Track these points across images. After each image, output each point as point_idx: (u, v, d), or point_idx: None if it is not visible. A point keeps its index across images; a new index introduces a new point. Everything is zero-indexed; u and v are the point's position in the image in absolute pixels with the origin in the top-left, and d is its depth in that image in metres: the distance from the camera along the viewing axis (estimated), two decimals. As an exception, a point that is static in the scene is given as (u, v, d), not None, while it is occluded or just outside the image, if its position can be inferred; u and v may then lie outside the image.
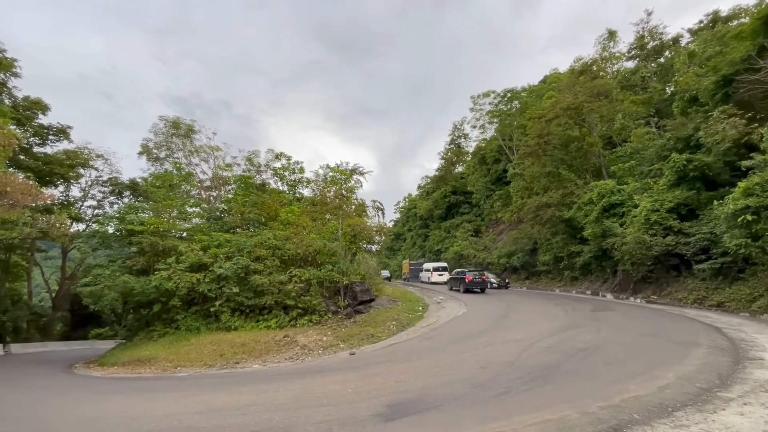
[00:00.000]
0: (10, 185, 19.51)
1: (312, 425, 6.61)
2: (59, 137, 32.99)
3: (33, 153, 31.27)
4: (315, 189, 27.56)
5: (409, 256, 65.79)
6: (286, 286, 19.85)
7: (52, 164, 31.47)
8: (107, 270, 22.36)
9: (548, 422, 5.84)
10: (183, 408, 8.65)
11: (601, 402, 6.51)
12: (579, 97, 29.43)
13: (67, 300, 36.29)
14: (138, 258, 21.91)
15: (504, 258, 38.88)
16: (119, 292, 20.55)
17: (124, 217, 23.48)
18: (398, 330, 17.36)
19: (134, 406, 9.69)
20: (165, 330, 20.02)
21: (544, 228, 31.30)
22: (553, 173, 31.88)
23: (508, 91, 49.62)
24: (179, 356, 15.84)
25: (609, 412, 6.10)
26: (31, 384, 14.39)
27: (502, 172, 47.79)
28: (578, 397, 6.89)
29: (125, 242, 23.51)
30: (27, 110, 30.44)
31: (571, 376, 8.40)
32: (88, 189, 35.98)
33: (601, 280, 26.40)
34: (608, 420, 5.79)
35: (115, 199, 36.64)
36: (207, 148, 37.41)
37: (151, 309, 20.39)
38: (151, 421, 7.74)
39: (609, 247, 22.75)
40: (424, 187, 69.74)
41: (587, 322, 14.87)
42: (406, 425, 6.33)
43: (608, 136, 33.85)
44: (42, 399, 11.42)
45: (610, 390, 7.15)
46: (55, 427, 8.10)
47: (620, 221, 23.03)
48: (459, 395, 7.67)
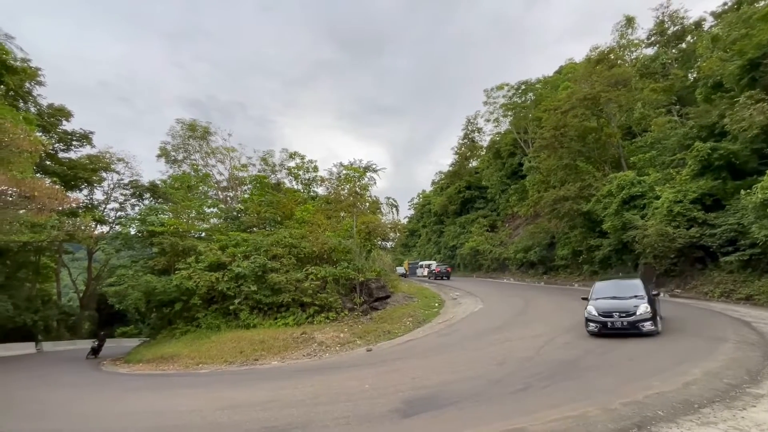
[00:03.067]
0: (38, 190, 20.27)
1: (331, 421, 6.68)
2: (82, 142, 34.08)
3: (58, 158, 32.40)
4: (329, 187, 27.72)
5: (424, 252, 65.68)
6: (303, 283, 20.07)
7: (76, 169, 32.55)
8: (130, 270, 23.07)
9: (568, 419, 5.76)
10: (205, 404, 8.87)
11: (624, 398, 6.37)
12: (596, 87, 28.64)
13: (94, 300, 37.60)
14: (159, 258, 22.50)
15: (521, 253, 38.35)
16: (142, 291, 21.16)
17: (145, 218, 24.13)
18: (414, 326, 17.37)
19: (159, 401, 10.00)
20: (187, 328, 20.52)
21: (561, 222, 30.69)
22: (570, 166, 31.19)
23: (522, 83, 48.73)
24: (201, 353, 16.23)
25: (632, 408, 5.97)
26: (63, 381, 14.99)
27: (518, 166, 47.06)
28: (599, 394, 6.76)
29: (147, 243, 24.18)
30: (51, 117, 31.52)
31: (592, 372, 8.25)
32: (111, 192, 37.11)
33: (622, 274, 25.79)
34: (631, 416, 5.66)
35: (136, 202, 37.68)
36: (223, 149, 38.09)
37: (173, 308, 20.92)
38: (175, 417, 7.97)
39: (630, 240, 22.17)
40: (438, 182, 69.24)
41: (608, 317, 14.53)
42: (423, 421, 6.33)
43: (627, 126, 32.90)
44: (74, 395, 11.90)
45: (632, 386, 6.99)
46: (87, 422, 8.42)
47: (641, 213, 22.40)
48: (477, 391, 7.63)
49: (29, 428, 8.01)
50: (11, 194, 20.51)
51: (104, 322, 39.16)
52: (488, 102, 51.54)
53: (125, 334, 37.28)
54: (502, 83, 49.58)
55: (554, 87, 44.49)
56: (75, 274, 41.54)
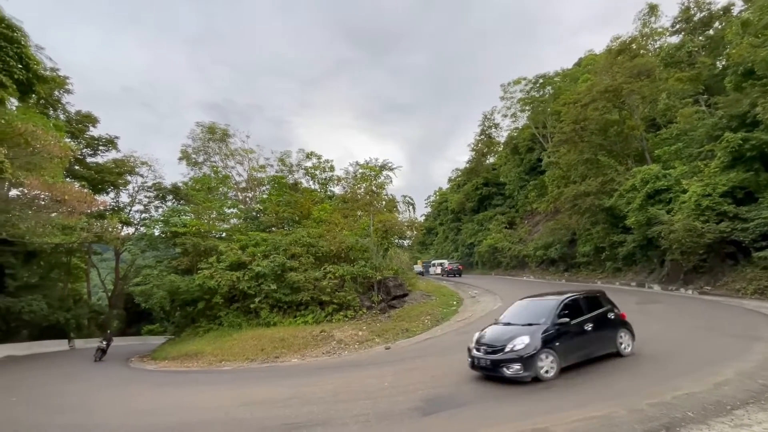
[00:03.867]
0: (68, 194, 21.16)
1: (350, 418, 6.73)
2: (108, 147, 35.32)
3: (86, 163, 33.68)
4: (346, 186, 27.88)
5: (441, 250, 65.30)
6: (321, 282, 20.28)
7: (103, 173, 33.77)
8: (155, 270, 23.83)
9: (593, 419, 5.62)
10: (229, 400, 9.08)
11: (651, 399, 6.17)
12: (617, 79, 27.78)
13: (122, 299, 38.97)
14: (182, 258, 23.14)
15: (541, 250, 37.64)
16: (167, 290, 21.82)
17: (168, 219, 24.85)
18: (433, 325, 17.31)
19: (184, 397, 10.29)
20: (209, 326, 21.05)
21: (582, 218, 29.96)
22: (591, 160, 30.39)
23: (539, 77, 47.73)
24: (223, 351, 16.61)
25: (659, 409, 5.77)
26: (95, 377, 15.61)
27: (536, 162, 46.17)
28: (625, 394, 6.58)
29: (170, 243, 24.91)
30: (79, 123, 32.78)
31: (617, 371, 8.03)
32: (135, 194, 38.34)
33: (647, 271, 24.97)
34: (659, 417, 5.48)
35: (160, 204, 38.80)
36: (242, 151, 38.81)
37: (196, 306, 21.49)
38: (200, 413, 8.18)
39: (655, 235, 21.46)
40: (454, 180, 68.59)
41: (634, 316, 13.99)
42: (443, 420, 6.31)
43: (651, 118, 31.82)
44: (105, 390, 12.38)
45: (660, 387, 6.76)
46: (118, 417, 8.74)
47: (667, 208, 21.64)
48: (497, 391, 7.54)
49: (65, 421, 8.37)
50: (44, 198, 21.47)
51: (131, 320, 40.56)
52: (505, 97, 50.73)
53: (151, 332, 38.52)
54: (519, 77, 48.72)
55: (573, 80, 43.41)
56: (103, 274, 43.14)
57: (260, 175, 37.22)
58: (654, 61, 30.55)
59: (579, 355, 8.27)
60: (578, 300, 8.84)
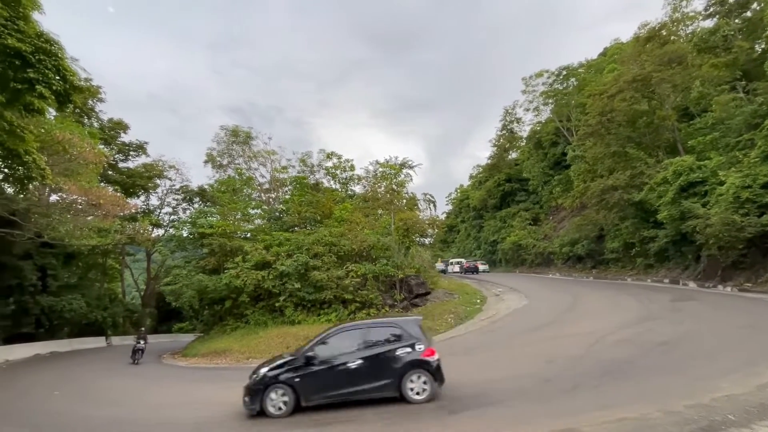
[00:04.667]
0: (103, 198, 22.21)
1: (374, 416, 6.77)
2: (138, 152, 36.76)
3: (118, 168, 35.18)
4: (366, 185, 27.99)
5: (463, 247, 64.64)
6: (344, 281, 20.46)
7: (134, 177, 35.20)
8: (184, 270, 24.66)
9: (625, 421, 5.44)
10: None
11: (688, 400, 5.91)
12: (646, 67, 26.63)
13: (153, 298, 40.56)
14: (209, 258, 23.84)
15: (567, 247, 36.65)
16: (195, 290, 22.54)
17: (195, 221, 25.66)
18: (456, 323, 17.17)
19: (215, 393, 10.62)
20: (236, 324, 21.62)
21: (611, 213, 28.97)
22: (618, 153, 29.30)
23: (563, 69, 46.36)
24: (250, 348, 17.04)
25: (697, 411, 5.52)
26: (131, 372, 16.32)
27: (561, 156, 44.95)
28: (660, 395, 6.33)
29: (198, 244, 25.70)
30: (111, 130, 34.26)
31: (651, 372, 7.74)
32: (164, 197, 39.76)
33: (681, 267, 23.91)
34: (697, 420, 5.24)
35: (187, 206, 40.10)
36: (264, 153, 39.55)
37: (223, 305, 22.11)
38: (230, 408, 8.41)
39: (689, 230, 20.51)
40: (475, 176, 67.60)
41: (667, 314, 13.58)
42: (470, 419, 6.25)
43: (684, 107, 30.37)
44: (141, 385, 12.94)
45: (698, 387, 6.47)
46: (156, 410, 9.12)
47: (702, 201, 20.64)
48: (524, 390, 7.42)
49: (105, 414, 8.79)
50: (81, 202, 22.60)
51: (163, 318, 42.16)
52: (527, 90, 49.60)
53: (181, 329, 39.88)
54: (541, 70, 47.50)
55: (599, 70, 41.98)
56: (136, 274, 44.99)
57: (282, 176, 37.85)
58: (686, 47, 29.11)
59: (331, 396, 7.23)
60: (355, 331, 7.74)
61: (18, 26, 8.71)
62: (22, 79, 8.93)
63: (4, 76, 8.80)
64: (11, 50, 8.57)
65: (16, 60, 8.75)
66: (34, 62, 8.93)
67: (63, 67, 9.62)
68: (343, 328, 7.97)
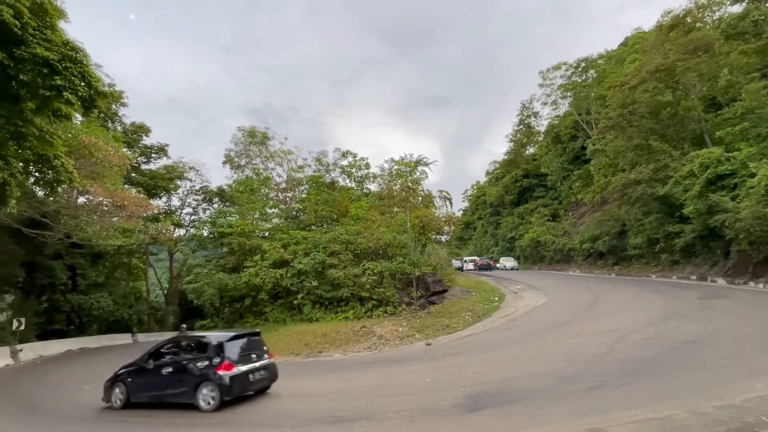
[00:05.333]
0: (127, 199, 22.92)
1: (394, 413, 6.79)
2: (159, 155, 37.75)
3: (141, 170, 36.20)
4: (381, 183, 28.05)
5: (480, 244, 64.01)
6: (360, 278, 20.56)
7: (156, 179, 36.16)
8: (205, 269, 25.26)
9: (651, 421, 5.28)
10: (276, 393, 9.46)
11: (718, 401, 5.69)
12: (670, 56, 25.67)
13: (176, 296, 41.64)
14: (229, 257, 24.35)
15: (587, 243, 35.81)
16: (216, 288, 23.07)
17: (215, 221, 26.24)
18: (474, 321, 17.03)
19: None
20: (256, 321, 22.02)
21: (633, 208, 28.14)
22: (641, 146, 28.41)
23: (582, 61, 45.21)
24: (269, 345, 17.16)
25: (728, 412, 5.31)
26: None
27: (580, 150, 43.92)
28: (687, 395, 6.13)
29: (218, 243, 26.29)
30: (134, 134, 35.28)
31: (677, 371, 7.50)
32: (185, 198, 40.70)
33: (709, 264, 23.04)
34: (727, 422, 5.04)
35: (207, 206, 40.98)
36: (280, 153, 40.08)
37: (243, 302, 22.56)
38: (251, 403, 8.58)
39: (718, 225, 19.74)
40: (492, 172, 66.74)
41: (694, 311, 13.12)
42: (489, 417, 6.19)
43: (710, 96, 29.18)
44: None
45: (728, 388, 6.23)
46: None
47: (731, 194, 19.82)
48: (544, 388, 7.30)
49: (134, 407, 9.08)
50: (106, 204, 23.39)
51: (185, 316, 43.18)
52: (544, 84, 48.60)
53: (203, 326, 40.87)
54: (559, 62, 46.44)
55: (619, 61, 40.76)
56: (159, 273, 46.27)
57: (299, 175, 38.28)
58: (713, 34, 27.95)
59: (150, 396, 8.63)
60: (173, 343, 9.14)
61: (45, 35, 9.06)
62: (50, 86, 9.28)
63: (33, 83, 9.17)
64: (40, 59, 8.91)
65: (44, 68, 9.10)
66: (60, 70, 9.27)
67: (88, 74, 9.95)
68: (170, 339, 9.53)
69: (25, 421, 8.55)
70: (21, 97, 9.65)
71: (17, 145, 10.66)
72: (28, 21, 8.72)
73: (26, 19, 8.64)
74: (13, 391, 11.97)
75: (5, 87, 9.36)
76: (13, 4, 8.31)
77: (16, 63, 8.88)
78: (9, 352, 18.83)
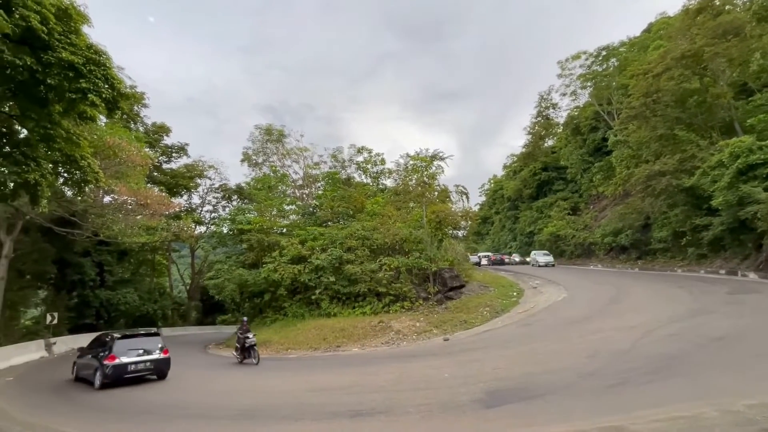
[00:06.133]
0: (150, 198, 23.60)
1: (412, 407, 6.80)
2: (180, 154, 38.69)
3: (162, 169, 37.19)
4: (397, 179, 27.92)
5: (498, 239, 63.26)
6: (377, 274, 20.63)
7: (177, 177, 37.10)
8: (225, 265, 25.82)
9: (678, 419, 5.13)
10: (296, 386, 9.63)
11: (749, 399, 5.48)
12: (698, 42, 24.59)
13: (198, 291, 42.78)
14: (248, 253, 24.80)
15: (609, 237, 34.90)
16: (236, 283, 23.55)
17: (234, 218, 26.74)
18: (492, 316, 16.87)
19: (257, 382, 11.09)
20: (275, 316, 22.40)
21: (657, 200, 27.23)
22: (666, 136, 27.40)
23: (602, 49, 43.78)
24: (289, 340, 17.60)
25: (760, 411, 5.11)
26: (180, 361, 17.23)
27: (601, 141, 42.71)
28: (717, 393, 5.92)
29: (237, 240, 26.81)
30: (155, 134, 36.23)
31: (706, 368, 7.25)
32: (205, 196, 41.67)
33: (739, 257, 22.12)
34: (760, 421, 4.84)
35: (226, 203, 41.82)
36: (297, 150, 40.42)
37: (262, 298, 22.97)
38: (271, 396, 8.77)
39: (749, 217, 18.90)
40: (510, 166, 65.59)
41: (723, 307, 12.65)
42: (508, 413, 6.14)
43: (741, 82, 27.86)
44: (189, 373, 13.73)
45: (760, 386, 6.00)
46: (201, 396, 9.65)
47: (764, 185, 18.94)
48: (565, 384, 7.18)
49: (161, 398, 9.40)
50: (130, 203, 24.14)
51: (207, 311, 44.40)
52: (563, 74, 47.38)
53: (224, 321, 41.86)
54: (578, 52, 45.17)
55: (642, 48, 39.29)
56: (181, 269, 47.60)
57: (315, 172, 38.55)
58: (743, 17, 26.61)
59: (82, 374, 11.91)
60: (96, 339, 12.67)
61: (70, 39, 9.36)
62: (76, 89, 9.59)
63: (60, 87, 9.49)
64: (65, 63, 9.21)
65: (69, 72, 9.40)
66: (85, 73, 9.57)
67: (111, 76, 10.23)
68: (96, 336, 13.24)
69: (58, 410, 8.96)
70: (49, 100, 10.02)
71: (47, 147, 11.09)
72: (54, 26, 9.01)
73: (52, 25, 8.93)
74: (48, 383, 12.56)
75: (34, 91, 9.72)
76: (39, 10, 8.60)
77: (44, 67, 9.20)
78: (44, 345, 19.74)
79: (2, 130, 11.51)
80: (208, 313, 44.17)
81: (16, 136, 11.68)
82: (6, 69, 8.96)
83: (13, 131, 11.72)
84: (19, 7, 8.43)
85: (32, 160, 10.63)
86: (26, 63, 8.89)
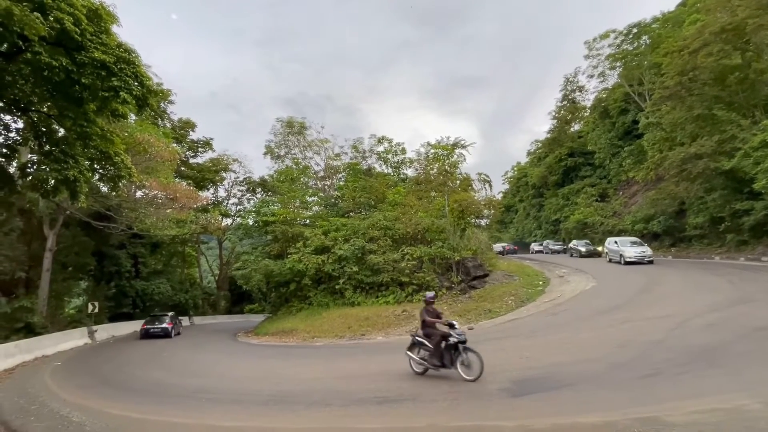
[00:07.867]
0: (179, 192, 24.46)
1: (439, 395, 6.85)
2: (205, 149, 39.78)
3: (189, 164, 38.35)
4: (418, 168, 27.73)
5: (522, 228, 62.10)
6: (400, 263, 20.70)
7: (203, 171, 38.19)
8: (251, 256, 26.53)
9: (717, 411, 4.95)
10: (324, 373, 9.87)
11: (796, 392, 5.23)
12: (739, 14, 22.95)
13: (226, 282, 44.27)
14: (273, 245, 25.36)
15: (640, 224, 33.57)
16: (262, 274, 24.18)
17: (259, 210, 27.35)
18: (517, 306, 16.65)
19: (286, 369, 11.42)
20: (301, 305, 22.92)
21: (693, 184, 25.91)
22: (703, 116, 25.90)
23: (633, 26, 41.45)
24: (314, 328, 17.99)
25: (809, 405, 4.86)
26: (212, 348, 18.11)
27: (631, 124, 40.83)
28: (759, 385, 5.67)
29: (262, 231, 27.45)
30: (181, 129, 37.31)
31: (747, 359, 6.94)
32: (230, 189, 42.78)
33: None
34: (808, 415, 4.63)
35: (251, 196, 42.79)
36: (318, 142, 40.60)
37: (288, 287, 23.51)
38: (299, 383, 9.02)
39: (795, 200, 17.78)
40: (534, 152, 63.78)
41: (766, 295, 12.02)
42: (536, 402, 6.09)
43: (788, 56, 25.95)
44: (221, 360, 14.32)
45: (808, 378, 5.69)
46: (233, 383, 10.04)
47: (813, 166, 17.71)
48: (595, 374, 7.04)
49: (194, 383, 9.84)
50: (161, 197, 25.06)
51: (235, 300, 45.96)
52: (590, 55, 45.23)
53: (252, 310, 43.23)
54: (606, 31, 42.93)
55: (677, 24, 37.05)
56: (210, 260, 49.30)
57: (336, 163, 38.71)
58: (792, -16, 24.62)
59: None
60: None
61: (101, 39, 9.70)
62: (108, 87, 9.98)
63: (93, 86, 9.89)
64: (98, 62, 9.57)
65: (102, 71, 9.77)
66: (116, 71, 9.92)
67: (140, 74, 10.57)
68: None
69: (102, 393, 9.54)
70: (84, 99, 10.46)
71: (83, 145, 11.63)
72: (86, 27, 9.35)
73: (84, 26, 9.27)
74: (91, 367, 13.37)
75: (70, 91, 10.16)
76: (72, 12, 8.93)
77: (78, 67, 9.59)
78: (87, 332, 20.99)
79: (42, 129, 12.13)
80: (237, 303, 45.71)
81: (55, 135, 12.30)
82: (44, 71, 9.39)
83: (52, 130, 12.33)
84: (54, 9, 8.77)
85: (71, 157, 11.18)
86: (62, 64, 9.28)
